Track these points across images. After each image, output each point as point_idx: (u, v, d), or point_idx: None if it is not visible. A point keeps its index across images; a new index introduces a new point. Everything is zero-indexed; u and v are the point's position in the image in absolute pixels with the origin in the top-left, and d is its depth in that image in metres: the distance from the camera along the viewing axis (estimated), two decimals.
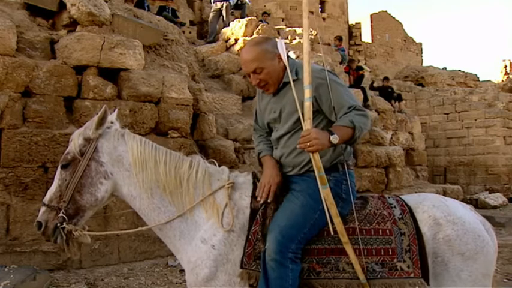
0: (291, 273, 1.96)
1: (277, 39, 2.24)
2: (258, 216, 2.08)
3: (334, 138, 1.96)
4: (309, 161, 2.13)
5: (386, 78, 14.01)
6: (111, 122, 2.22)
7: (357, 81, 11.63)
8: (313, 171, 2.13)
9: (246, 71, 2.20)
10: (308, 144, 1.92)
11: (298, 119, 2.11)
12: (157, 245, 5.65)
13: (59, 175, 2.15)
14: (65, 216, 2.07)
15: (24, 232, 4.91)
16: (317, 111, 2.13)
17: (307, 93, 1.96)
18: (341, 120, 2.06)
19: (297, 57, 8.41)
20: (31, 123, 5.14)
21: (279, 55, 2.17)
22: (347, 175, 2.17)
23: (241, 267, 2.01)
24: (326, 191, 1.98)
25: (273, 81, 2.18)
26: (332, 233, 2.02)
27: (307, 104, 1.97)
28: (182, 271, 4.99)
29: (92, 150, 2.12)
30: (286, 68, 2.17)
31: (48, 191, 2.16)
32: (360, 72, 12.10)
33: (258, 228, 2.05)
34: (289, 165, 2.23)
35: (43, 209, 2.12)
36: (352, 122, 2.03)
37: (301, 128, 2.09)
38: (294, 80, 2.12)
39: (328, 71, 2.14)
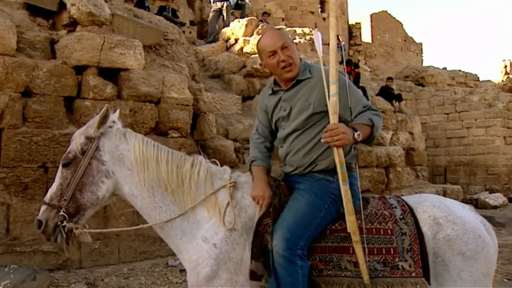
0: (300, 270, 1.96)
1: (315, 32, 2.26)
2: (270, 210, 2.08)
3: (358, 135, 2.00)
4: (313, 162, 2.15)
5: (390, 79, 14.00)
6: (113, 121, 2.22)
7: (354, 80, 11.61)
8: (315, 172, 2.15)
9: (273, 47, 2.15)
10: (336, 138, 1.93)
11: (309, 117, 2.14)
12: (158, 245, 5.65)
13: (60, 174, 2.15)
14: (65, 214, 2.06)
15: (24, 232, 4.91)
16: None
17: (334, 89, 1.98)
18: (360, 119, 2.10)
19: None
20: (31, 123, 5.14)
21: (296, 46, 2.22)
22: (352, 176, 2.18)
23: (252, 258, 2.01)
24: (346, 188, 1.99)
25: (296, 64, 2.19)
26: (349, 230, 2.02)
27: (334, 100, 1.99)
28: (182, 271, 4.99)
29: (93, 149, 2.12)
30: (301, 65, 2.21)
31: (49, 189, 2.16)
32: (356, 70, 12.08)
33: (270, 222, 2.05)
34: (293, 165, 2.23)
35: (44, 207, 2.12)
36: (372, 120, 2.08)
37: (310, 126, 2.15)
38: (307, 78, 2.17)
39: (341, 72, 2.16)
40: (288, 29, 11.51)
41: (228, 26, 10.99)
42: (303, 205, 2.08)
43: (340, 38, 14.38)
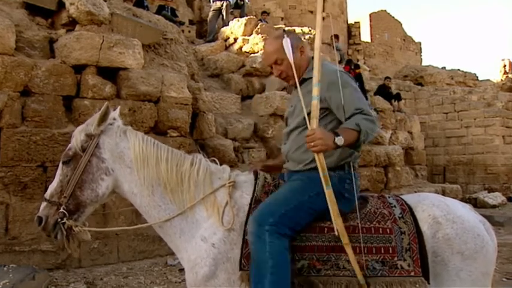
0: (269, 246, 1.93)
1: (285, 39, 2.26)
2: (249, 216, 2.07)
3: (339, 140, 1.94)
4: (312, 161, 2.13)
5: (388, 78, 13.99)
6: (114, 119, 2.22)
7: (356, 80, 11.60)
8: (314, 169, 2.14)
9: (267, 63, 2.31)
10: (312, 144, 1.92)
11: (310, 114, 2.13)
12: (157, 244, 5.65)
13: (60, 171, 2.15)
14: (65, 211, 2.07)
15: (23, 231, 4.91)
16: (329, 110, 2.15)
17: (315, 91, 1.97)
18: (347, 123, 2.05)
19: None
20: (30, 123, 5.13)
21: (302, 47, 2.24)
22: (352, 175, 2.17)
23: (241, 269, 2.01)
24: (329, 192, 1.97)
25: (291, 76, 2.21)
26: (336, 233, 2.01)
27: (315, 103, 1.96)
28: (181, 270, 4.99)
29: (93, 147, 2.12)
30: (308, 62, 2.25)
31: (50, 186, 2.16)
32: (357, 70, 12.07)
33: None
34: (294, 160, 2.24)
35: (44, 204, 2.12)
36: (359, 125, 2.01)
37: None
38: (310, 78, 2.15)
39: (343, 72, 2.16)
40: (287, 28, 11.52)
41: (227, 25, 10.98)
42: (282, 190, 2.12)
43: (336, 37, 14.37)
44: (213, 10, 11.76)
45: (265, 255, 1.92)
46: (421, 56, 32.61)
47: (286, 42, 2.17)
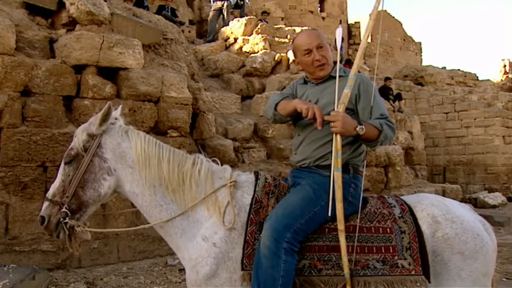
0: (283, 264, 1.94)
1: (339, 28, 2.31)
2: (251, 215, 2.07)
3: (361, 129, 2.03)
4: (323, 156, 2.17)
5: (388, 78, 13.98)
6: (115, 119, 2.22)
7: None
8: (322, 167, 2.17)
9: (309, 46, 2.24)
10: (333, 124, 2.00)
11: (333, 111, 2.14)
12: (157, 244, 5.65)
13: (62, 170, 2.15)
14: (67, 211, 2.07)
15: (23, 231, 4.90)
16: (353, 112, 2.19)
17: (350, 81, 2.06)
18: (372, 121, 2.13)
19: None
20: (30, 123, 5.13)
21: (335, 46, 2.32)
22: (358, 179, 2.21)
23: (243, 269, 2.01)
24: (338, 174, 2.01)
25: (329, 64, 2.27)
26: (330, 214, 2.01)
27: (346, 92, 2.05)
28: (181, 270, 4.99)
29: (95, 146, 2.12)
30: (335, 63, 2.27)
31: (52, 186, 2.16)
32: None
33: (255, 228, 2.05)
34: (303, 154, 2.25)
35: (46, 203, 2.12)
36: (382, 126, 2.10)
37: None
38: (340, 76, 2.19)
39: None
40: (287, 28, 11.51)
41: (228, 25, 10.98)
42: (296, 199, 2.10)
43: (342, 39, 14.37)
44: (214, 10, 11.77)
45: (278, 273, 1.94)
46: (421, 56, 32.60)
47: (340, 31, 2.24)
